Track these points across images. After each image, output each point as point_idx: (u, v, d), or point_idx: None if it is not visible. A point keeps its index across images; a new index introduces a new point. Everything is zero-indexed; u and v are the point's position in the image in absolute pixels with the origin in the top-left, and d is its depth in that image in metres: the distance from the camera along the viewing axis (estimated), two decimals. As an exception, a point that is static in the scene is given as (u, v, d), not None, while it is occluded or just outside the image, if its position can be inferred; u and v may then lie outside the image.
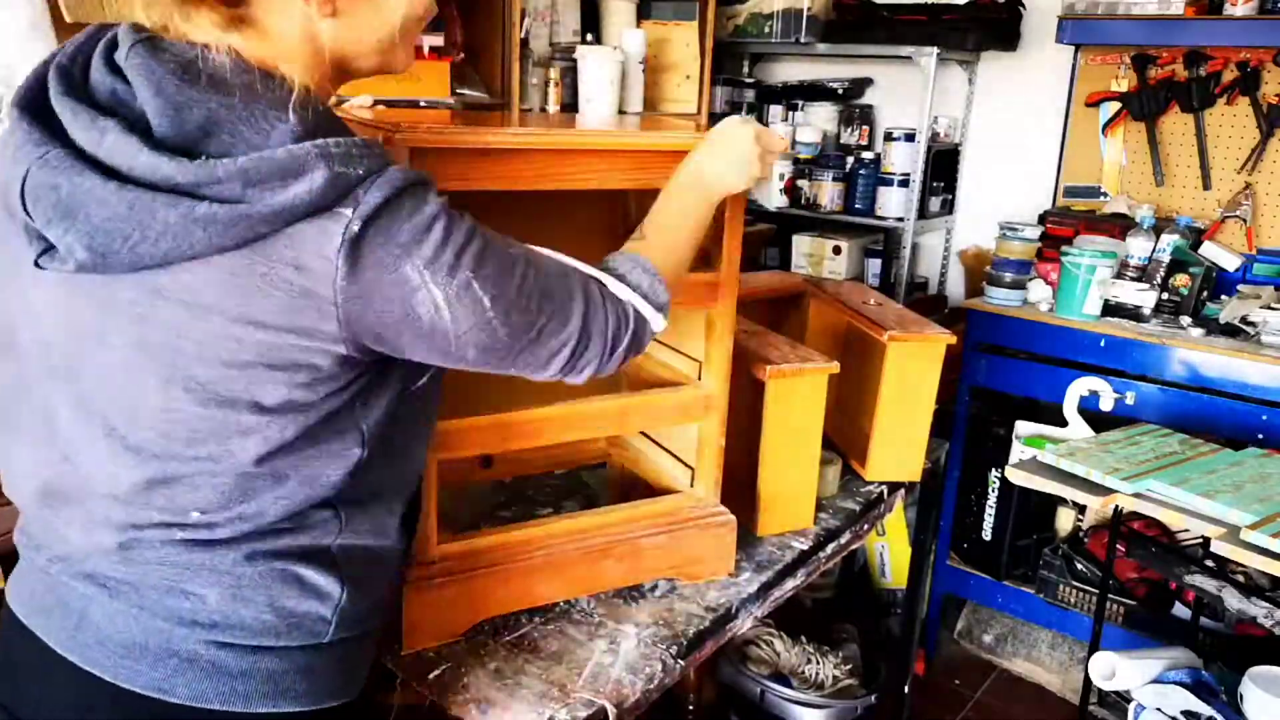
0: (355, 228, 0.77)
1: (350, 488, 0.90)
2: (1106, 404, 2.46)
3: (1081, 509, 2.74)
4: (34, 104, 0.80)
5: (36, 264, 0.79)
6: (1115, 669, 2.02)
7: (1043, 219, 2.98)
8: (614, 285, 0.98)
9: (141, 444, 0.84)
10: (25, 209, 0.77)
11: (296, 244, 0.77)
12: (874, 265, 3.30)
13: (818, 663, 2.35)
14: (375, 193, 0.78)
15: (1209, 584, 2.04)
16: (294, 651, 0.91)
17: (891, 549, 3.04)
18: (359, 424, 0.88)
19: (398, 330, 0.82)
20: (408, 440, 0.97)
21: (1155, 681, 2.01)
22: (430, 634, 1.23)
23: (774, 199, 3.27)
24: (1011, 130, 3.21)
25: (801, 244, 3.30)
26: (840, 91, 3.39)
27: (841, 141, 3.38)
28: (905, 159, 3.03)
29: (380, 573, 0.99)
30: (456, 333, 0.84)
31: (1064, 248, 2.62)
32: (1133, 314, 2.58)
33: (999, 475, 2.73)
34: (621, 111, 2.65)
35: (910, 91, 3.22)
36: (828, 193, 3.19)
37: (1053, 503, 2.77)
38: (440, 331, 0.84)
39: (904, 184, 3.05)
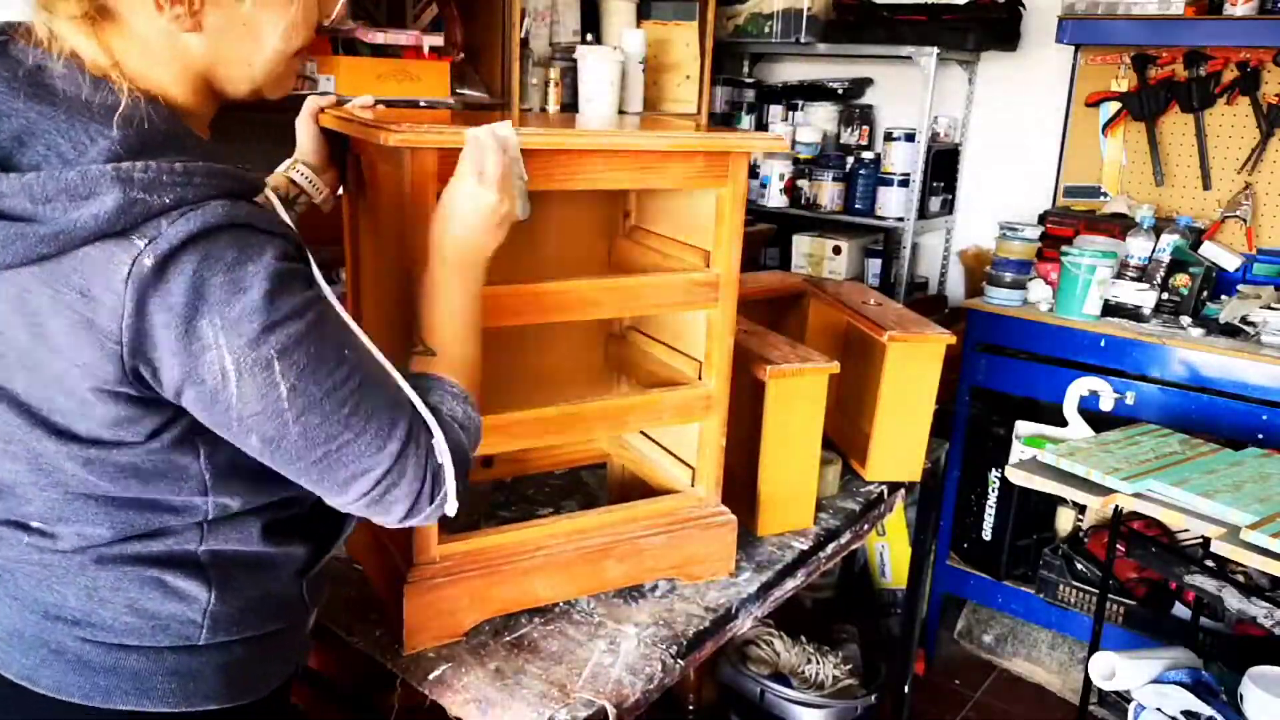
0: (147, 261, 0.71)
1: (202, 509, 0.86)
2: (1106, 404, 2.46)
3: (1081, 509, 2.74)
4: None
5: None
6: (1115, 669, 2.02)
7: (1043, 219, 2.98)
8: (439, 437, 0.88)
9: None
10: None
11: (85, 269, 0.72)
12: (874, 265, 3.30)
13: (818, 663, 2.34)
14: (181, 225, 0.72)
15: (1209, 584, 2.04)
16: (163, 652, 0.88)
17: (891, 549, 3.03)
18: (200, 471, 0.84)
19: (178, 386, 0.76)
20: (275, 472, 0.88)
21: (1155, 681, 2.01)
22: (431, 634, 1.23)
23: (774, 199, 3.28)
24: (1011, 130, 3.21)
25: (801, 244, 3.30)
26: (840, 91, 3.39)
27: (841, 141, 3.38)
28: (905, 159, 3.03)
29: (264, 577, 0.93)
30: (240, 413, 0.77)
31: (1064, 248, 2.62)
32: (1133, 314, 2.58)
33: (999, 475, 2.73)
34: (621, 111, 2.65)
35: (910, 91, 3.22)
36: (828, 193, 3.19)
37: (1053, 503, 2.77)
38: (221, 403, 0.76)
39: (904, 184, 3.05)
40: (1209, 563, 2.09)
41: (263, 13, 0.84)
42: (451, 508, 0.90)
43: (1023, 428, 2.59)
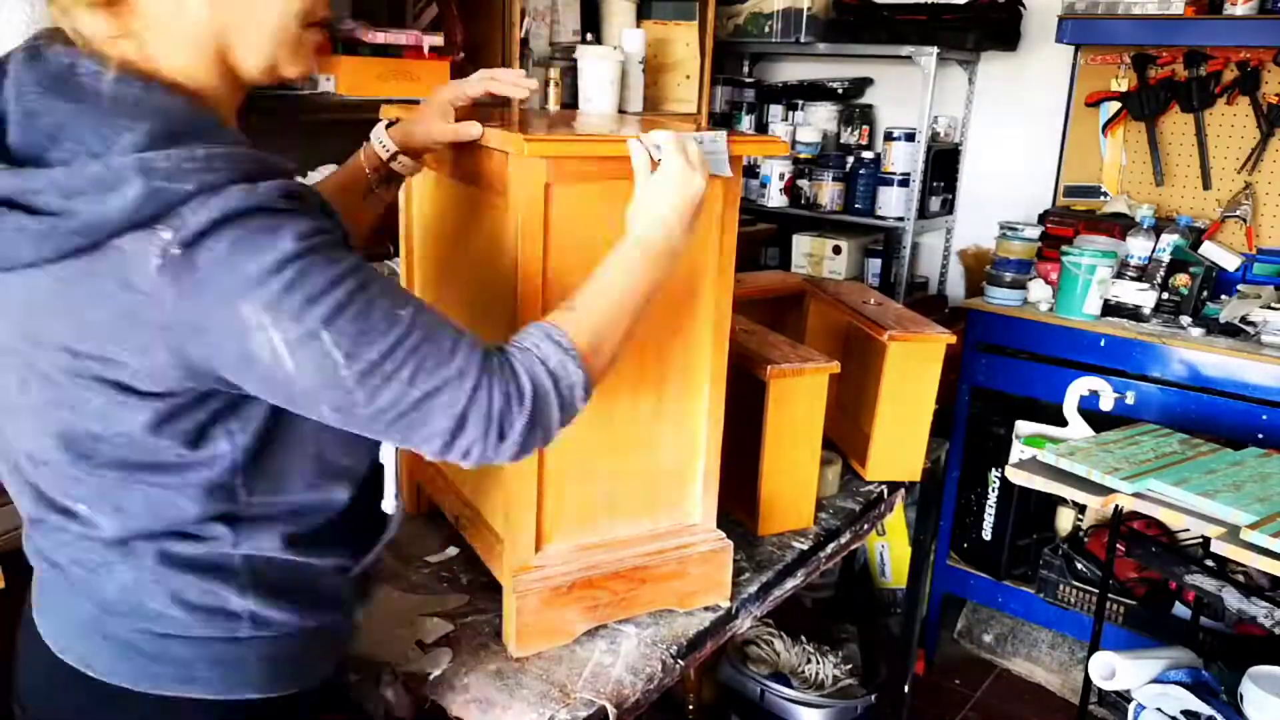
0: (175, 251, 0.72)
1: (232, 506, 0.88)
2: (1106, 404, 2.46)
3: (1081, 509, 2.73)
4: None
5: None
6: (1115, 669, 2.02)
7: (1043, 219, 2.98)
8: (515, 362, 0.87)
9: (19, 429, 0.86)
10: None
11: (122, 260, 0.74)
12: (874, 265, 3.30)
13: (818, 663, 2.35)
14: (203, 213, 0.73)
15: (1209, 584, 2.04)
16: (208, 642, 0.91)
17: (891, 549, 3.04)
18: (229, 463, 0.85)
19: (238, 371, 0.78)
20: (301, 463, 0.91)
21: (1155, 681, 2.01)
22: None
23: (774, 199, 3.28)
24: (1011, 130, 3.21)
25: (801, 244, 3.30)
26: (840, 91, 3.39)
27: (841, 141, 3.37)
28: (905, 159, 3.03)
29: (302, 581, 0.95)
30: (302, 386, 0.78)
31: (1064, 247, 2.62)
32: (1133, 314, 2.58)
33: (999, 475, 2.73)
34: (621, 111, 2.65)
35: (910, 91, 3.22)
36: (828, 192, 3.19)
37: (1053, 503, 2.77)
38: (281, 380, 0.77)
39: (904, 184, 3.05)
40: (1209, 563, 2.08)
41: None
42: (512, 450, 0.87)
43: (1023, 427, 2.59)
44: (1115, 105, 2.95)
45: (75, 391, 0.80)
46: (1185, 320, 2.54)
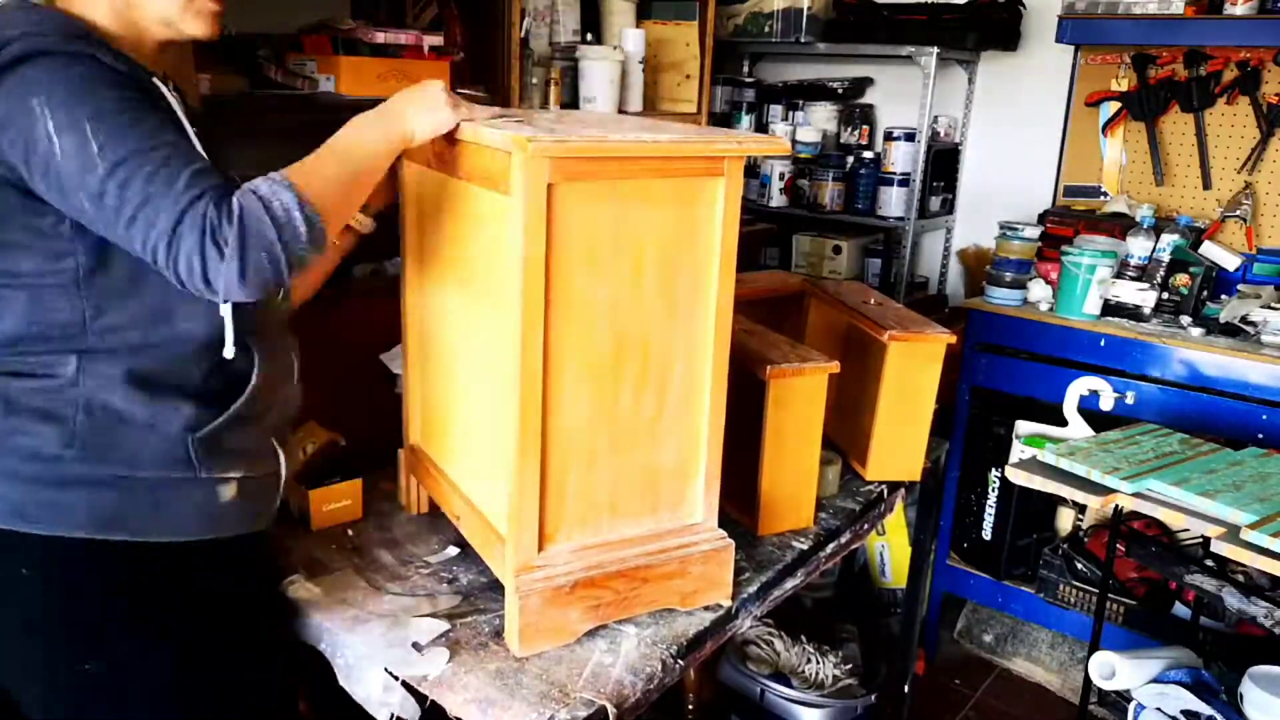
0: None
1: (80, 331, 1.04)
2: (1106, 403, 2.46)
3: (1081, 509, 2.73)
4: None
5: None
6: (1115, 669, 2.02)
7: (1043, 218, 2.98)
8: (233, 191, 0.98)
9: None
10: None
11: None
12: (874, 265, 3.30)
13: (818, 662, 2.34)
14: (18, 45, 0.95)
15: (1209, 584, 2.04)
16: (37, 483, 1.06)
17: (891, 549, 3.04)
18: (73, 248, 1.02)
19: (27, 162, 0.96)
20: (146, 291, 1.05)
21: (1155, 681, 2.01)
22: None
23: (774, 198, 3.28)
24: (1011, 130, 3.21)
25: (802, 244, 3.30)
26: (840, 91, 3.39)
27: (841, 141, 3.38)
28: (905, 159, 3.04)
29: (136, 429, 1.07)
30: (66, 169, 0.94)
31: (1064, 247, 2.62)
32: (1133, 313, 2.58)
33: (999, 475, 2.73)
34: (622, 111, 2.65)
35: (910, 91, 3.22)
36: (828, 192, 3.19)
37: (1053, 502, 2.77)
38: (54, 167, 0.95)
39: (904, 184, 3.05)
40: (1209, 562, 2.09)
41: None
42: (229, 277, 0.96)
43: (1023, 427, 2.59)
44: (1115, 105, 2.95)
45: None
46: (1185, 320, 2.54)
